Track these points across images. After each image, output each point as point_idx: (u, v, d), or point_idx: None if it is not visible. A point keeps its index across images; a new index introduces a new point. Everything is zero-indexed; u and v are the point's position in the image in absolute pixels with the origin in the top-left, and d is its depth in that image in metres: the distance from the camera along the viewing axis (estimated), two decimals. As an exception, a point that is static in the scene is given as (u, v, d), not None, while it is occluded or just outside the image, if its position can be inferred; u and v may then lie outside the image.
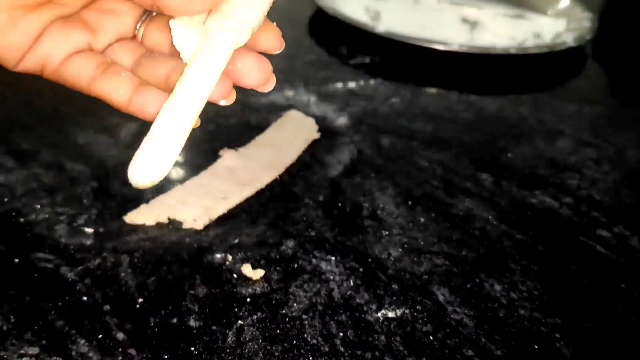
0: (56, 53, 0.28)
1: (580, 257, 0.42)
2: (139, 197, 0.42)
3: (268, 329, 0.34)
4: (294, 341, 0.33)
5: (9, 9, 0.27)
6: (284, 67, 0.65)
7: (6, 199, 0.42)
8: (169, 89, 0.27)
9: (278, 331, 0.34)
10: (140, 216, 0.41)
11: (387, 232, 0.42)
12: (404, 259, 0.40)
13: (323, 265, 0.39)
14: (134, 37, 0.30)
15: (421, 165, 0.51)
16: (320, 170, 0.48)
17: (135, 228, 0.40)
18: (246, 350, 0.33)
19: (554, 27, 0.80)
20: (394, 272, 0.39)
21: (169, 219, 0.41)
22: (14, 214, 0.40)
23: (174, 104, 0.26)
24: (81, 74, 0.28)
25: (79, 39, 0.28)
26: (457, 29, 0.79)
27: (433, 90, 0.65)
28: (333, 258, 0.39)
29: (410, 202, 0.45)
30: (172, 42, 0.28)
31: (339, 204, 0.45)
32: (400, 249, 0.41)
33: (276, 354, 0.33)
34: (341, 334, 0.34)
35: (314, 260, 0.39)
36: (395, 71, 0.69)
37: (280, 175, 0.46)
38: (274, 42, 0.30)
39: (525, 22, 0.83)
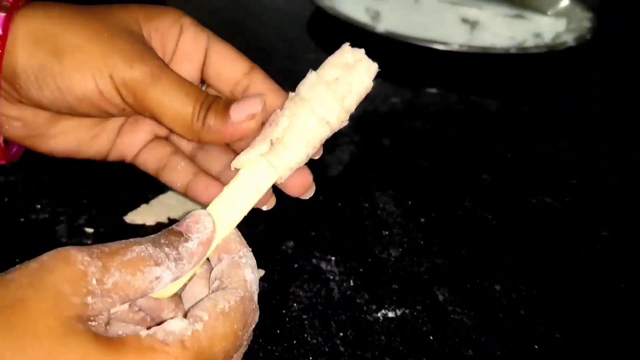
0: (129, 150, 0.35)
1: (580, 257, 0.42)
2: (139, 198, 0.42)
3: (268, 329, 0.34)
4: (294, 341, 0.33)
5: (88, 130, 0.34)
6: (284, 67, 0.65)
7: (6, 199, 0.42)
8: (222, 182, 0.32)
9: (278, 331, 0.34)
10: (141, 216, 0.41)
11: (387, 232, 0.42)
12: (404, 259, 0.40)
13: (323, 265, 0.39)
14: None
15: (421, 165, 0.51)
16: (320, 170, 0.48)
17: (135, 228, 0.40)
18: (246, 350, 0.32)
19: (554, 27, 0.80)
20: (394, 272, 0.39)
21: (169, 218, 0.41)
22: (14, 213, 0.40)
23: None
24: (149, 167, 0.34)
25: (145, 133, 0.34)
26: (457, 29, 0.79)
27: (433, 90, 0.65)
28: (333, 258, 0.39)
29: (410, 202, 0.45)
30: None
31: (339, 204, 0.45)
32: (400, 249, 0.41)
33: (276, 354, 0.33)
34: (341, 334, 0.34)
35: (314, 260, 0.39)
36: (395, 71, 0.69)
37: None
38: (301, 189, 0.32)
39: (525, 22, 0.83)
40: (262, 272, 0.38)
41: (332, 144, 0.52)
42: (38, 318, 0.20)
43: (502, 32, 0.79)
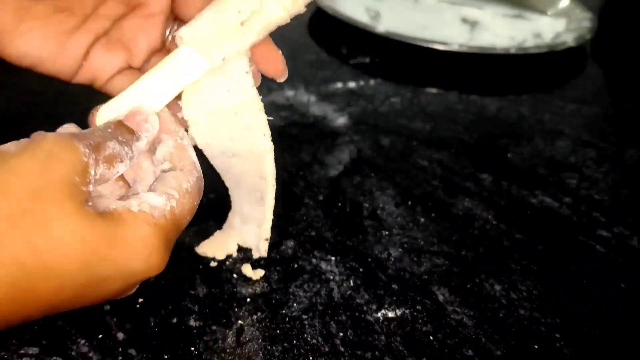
0: (102, 73, 0.34)
1: (580, 257, 0.42)
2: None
3: (268, 329, 0.34)
4: (294, 341, 0.33)
5: (55, 37, 0.33)
6: (284, 67, 0.65)
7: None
8: None
9: (278, 331, 0.34)
10: (211, 248, 0.39)
11: (387, 232, 0.42)
12: (404, 259, 0.40)
13: (323, 265, 0.39)
14: (164, 47, 0.35)
15: (421, 165, 0.51)
16: (320, 170, 0.48)
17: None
18: (246, 350, 0.33)
19: (554, 27, 0.80)
20: (394, 272, 0.39)
21: (238, 245, 0.39)
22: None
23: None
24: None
25: (119, 59, 0.34)
26: (457, 29, 0.79)
27: (433, 90, 0.65)
28: (333, 258, 0.39)
29: (410, 202, 0.45)
30: None
31: (339, 204, 0.45)
32: (400, 249, 0.41)
33: (276, 354, 0.33)
34: (341, 334, 0.34)
35: (314, 260, 0.39)
36: (395, 71, 0.69)
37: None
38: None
39: (525, 22, 0.83)
40: (262, 272, 0.38)
41: (332, 144, 0.52)
42: (58, 206, 0.24)
43: (502, 32, 0.79)
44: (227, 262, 0.38)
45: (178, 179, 0.29)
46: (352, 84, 0.63)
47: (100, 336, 0.32)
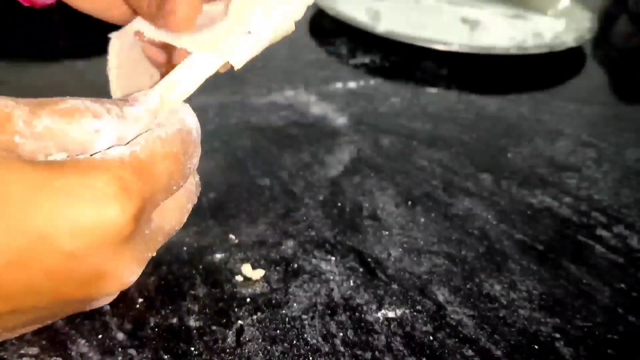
0: None
1: (580, 257, 0.42)
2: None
3: (268, 329, 0.34)
4: (294, 341, 0.33)
5: None
6: (284, 67, 0.65)
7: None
8: None
9: (278, 331, 0.34)
10: None
11: (387, 232, 0.42)
12: (404, 259, 0.40)
13: (323, 265, 0.39)
14: None
15: (421, 165, 0.51)
16: (320, 170, 0.48)
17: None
18: (246, 350, 0.33)
19: (554, 27, 0.80)
20: (394, 272, 0.39)
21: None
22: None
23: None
24: None
25: None
26: (457, 29, 0.79)
27: (433, 90, 0.65)
28: (333, 258, 0.39)
29: (410, 202, 0.45)
30: None
31: (339, 204, 0.45)
32: (400, 249, 0.41)
33: (276, 354, 0.33)
34: (341, 334, 0.34)
35: (314, 260, 0.39)
36: (395, 71, 0.69)
37: (280, 175, 0.46)
38: None
39: (525, 22, 0.83)
40: (262, 272, 0.38)
41: (332, 144, 0.52)
42: None
43: (502, 32, 0.79)
44: (227, 262, 0.38)
45: (152, 130, 0.24)
46: (352, 84, 0.63)
47: (100, 336, 0.32)
